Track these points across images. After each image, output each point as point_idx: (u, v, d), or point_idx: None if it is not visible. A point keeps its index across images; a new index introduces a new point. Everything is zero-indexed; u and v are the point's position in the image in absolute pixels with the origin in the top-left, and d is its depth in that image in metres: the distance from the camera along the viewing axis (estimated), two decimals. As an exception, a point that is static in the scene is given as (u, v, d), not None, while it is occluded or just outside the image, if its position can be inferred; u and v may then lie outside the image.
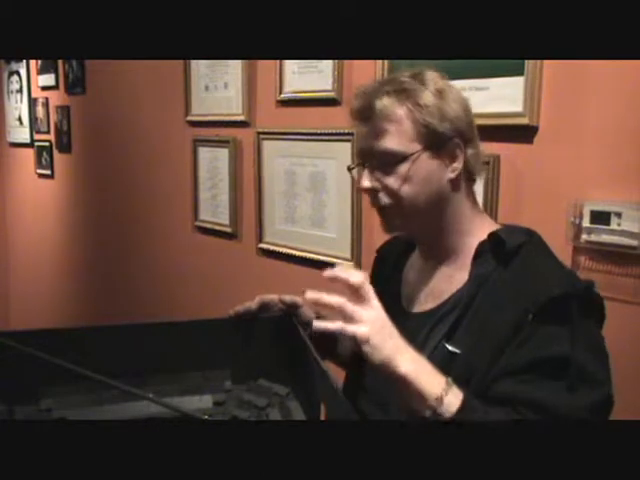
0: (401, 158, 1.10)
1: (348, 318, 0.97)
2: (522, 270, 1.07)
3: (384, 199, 1.14)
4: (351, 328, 0.97)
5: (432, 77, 1.13)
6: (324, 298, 0.99)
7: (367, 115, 1.12)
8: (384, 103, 1.10)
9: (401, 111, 1.10)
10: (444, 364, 1.04)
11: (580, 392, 0.97)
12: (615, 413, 1.07)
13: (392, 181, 1.12)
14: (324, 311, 1.18)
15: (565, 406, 0.96)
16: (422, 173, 1.11)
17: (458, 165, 1.13)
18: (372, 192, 1.15)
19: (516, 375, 0.99)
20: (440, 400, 0.95)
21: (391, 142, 1.10)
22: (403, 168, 1.11)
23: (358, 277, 0.99)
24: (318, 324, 0.99)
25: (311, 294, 1.00)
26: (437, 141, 1.11)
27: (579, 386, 0.97)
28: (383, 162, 1.12)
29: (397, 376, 0.97)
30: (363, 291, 0.99)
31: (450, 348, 1.07)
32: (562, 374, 0.97)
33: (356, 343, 0.97)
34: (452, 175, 1.13)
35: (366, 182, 1.14)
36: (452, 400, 0.96)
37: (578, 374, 0.98)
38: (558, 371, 0.97)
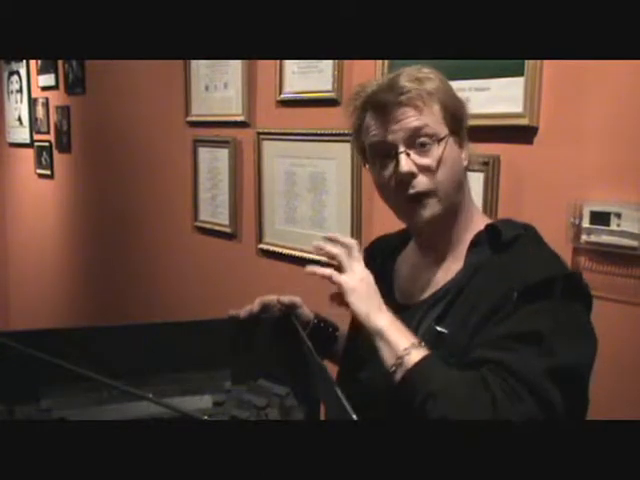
0: (437, 139, 1.11)
1: (341, 269, 1.11)
2: (515, 257, 1.09)
3: (423, 182, 1.11)
4: (340, 276, 1.10)
5: (432, 70, 1.15)
6: (326, 247, 1.14)
7: (404, 98, 1.10)
8: (415, 86, 1.11)
9: (428, 96, 1.11)
10: (433, 344, 1.07)
11: (546, 359, 0.98)
12: (616, 413, 1.07)
13: (429, 162, 1.11)
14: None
15: (525, 367, 0.97)
16: (452, 157, 1.13)
17: (467, 154, 1.16)
18: (411, 177, 1.11)
19: (489, 344, 1.02)
20: (407, 351, 1.03)
21: (430, 121, 1.11)
22: (439, 149, 1.11)
23: (351, 240, 1.15)
24: (310, 268, 1.15)
25: (316, 243, 1.16)
26: (457, 127, 1.14)
27: (548, 353, 0.98)
28: (421, 143, 1.11)
29: (374, 328, 1.07)
30: (356, 252, 1.13)
31: (438, 329, 1.09)
32: (532, 343, 0.99)
33: (342, 293, 1.10)
34: (465, 163, 1.16)
35: (406, 167, 1.10)
36: (416, 355, 1.03)
37: (547, 345, 0.99)
38: (530, 341, 0.99)
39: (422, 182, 1.12)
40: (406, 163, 1.10)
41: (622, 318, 1.46)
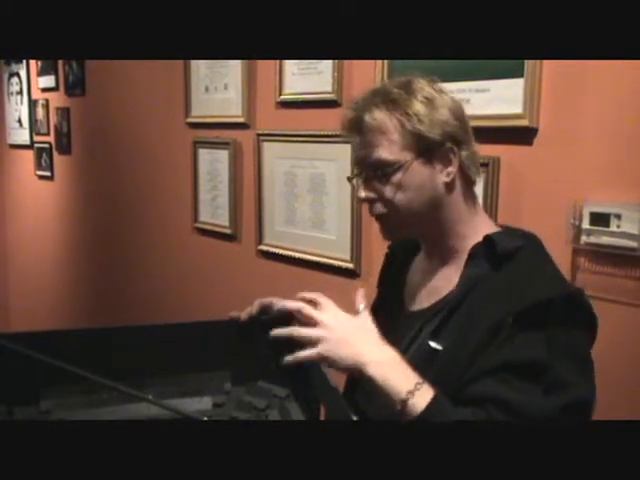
0: (393, 168, 1.12)
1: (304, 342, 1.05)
2: (514, 274, 1.07)
3: (380, 208, 1.16)
4: (304, 354, 1.04)
5: (420, 85, 1.14)
6: (286, 305, 1.11)
7: (358, 128, 1.14)
8: (374, 116, 1.12)
9: (390, 122, 1.11)
10: (426, 360, 1.06)
11: (551, 396, 0.98)
12: (616, 414, 1.06)
13: (387, 190, 1.13)
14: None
15: (535, 408, 0.97)
16: (415, 180, 1.13)
17: (453, 169, 1.14)
18: (369, 202, 1.17)
19: (490, 376, 1.00)
20: (405, 402, 0.98)
21: (383, 153, 1.12)
22: (396, 177, 1.12)
23: (314, 294, 1.10)
24: (275, 332, 1.09)
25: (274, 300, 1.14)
26: (428, 148, 1.12)
27: (551, 390, 0.98)
28: (377, 172, 1.14)
29: (365, 378, 1.01)
30: (322, 301, 1.08)
31: (432, 345, 1.08)
32: (535, 378, 0.98)
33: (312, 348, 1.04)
34: (447, 179, 1.14)
35: (362, 193, 1.17)
36: (419, 400, 0.98)
37: (551, 379, 0.98)
38: (532, 375, 0.98)
39: (378, 207, 1.16)
40: (363, 189, 1.17)
41: (622, 319, 1.46)
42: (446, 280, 1.17)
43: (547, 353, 0.99)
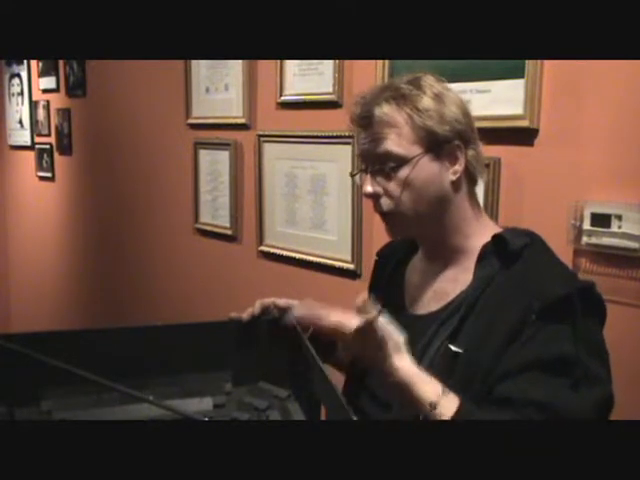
0: (402, 162, 1.11)
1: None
2: (525, 271, 1.08)
3: (386, 204, 1.14)
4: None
5: (429, 81, 1.14)
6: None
7: (367, 122, 1.13)
8: (383, 110, 1.11)
9: (400, 117, 1.11)
10: (448, 364, 1.05)
11: (583, 391, 0.99)
12: (617, 415, 1.06)
13: (394, 186, 1.12)
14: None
15: (568, 405, 0.97)
16: (423, 176, 1.12)
17: (459, 167, 1.14)
18: (375, 197, 1.15)
19: (519, 374, 1.00)
20: (434, 405, 0.99)
21: (392, 146, 1.11)
22: (404, 172, 1.11)
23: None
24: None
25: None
26: (437, 144, 1.12)
27: (582, 385, 0.99)
28: (384, 166, 1.12)
29: (391, 383, 1.02)
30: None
31: (453, 348, 1.07)
32: (565, 373, 0.99)
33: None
34: (454, 177, 1.14)
35: (368, 187, 1.14)
36: (447, 405, 0.99)
37: (581, 373, 0.99)
38: (561, 370, 0.99)
39: (385, 204, 1.14)
40: (370, 184, 1.14)
41: (623, 320, 1.46)
42: (452, 282, 1.16)
43: (574, 347, 1.00)
